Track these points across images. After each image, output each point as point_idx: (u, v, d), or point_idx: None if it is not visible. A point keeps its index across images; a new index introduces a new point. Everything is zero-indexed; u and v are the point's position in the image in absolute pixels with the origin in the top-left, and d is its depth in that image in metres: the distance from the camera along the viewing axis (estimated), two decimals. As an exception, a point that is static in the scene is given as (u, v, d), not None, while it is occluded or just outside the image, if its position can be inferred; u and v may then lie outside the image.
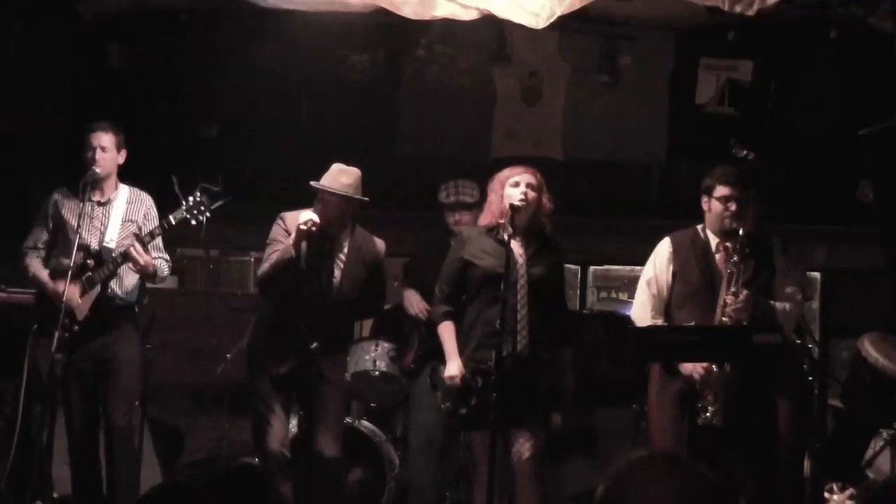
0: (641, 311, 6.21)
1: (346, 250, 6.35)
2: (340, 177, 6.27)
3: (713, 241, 6.08)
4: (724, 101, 8.36)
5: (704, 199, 6.08)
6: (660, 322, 6.11)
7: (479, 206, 7.01)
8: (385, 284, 6.62)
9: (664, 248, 6.20)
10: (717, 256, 6.05)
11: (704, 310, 5.96)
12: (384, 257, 6.51)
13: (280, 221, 6.42)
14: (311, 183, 6.29)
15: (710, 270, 6.03)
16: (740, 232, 5.91)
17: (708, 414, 5.78)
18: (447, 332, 6.12)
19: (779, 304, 6.00)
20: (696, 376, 5.85)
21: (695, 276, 6.05)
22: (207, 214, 6.35)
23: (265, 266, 6.35)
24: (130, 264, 6.40)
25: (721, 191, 6.00)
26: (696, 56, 8.46)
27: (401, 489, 7.43)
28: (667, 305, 6.14)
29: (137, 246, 6.32)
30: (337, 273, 6.33)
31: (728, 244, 6.01)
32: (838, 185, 8.18)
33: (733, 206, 5.96)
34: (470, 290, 6.13)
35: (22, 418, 6.61)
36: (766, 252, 6.07)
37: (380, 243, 6.49)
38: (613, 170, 8.85)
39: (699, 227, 6.15)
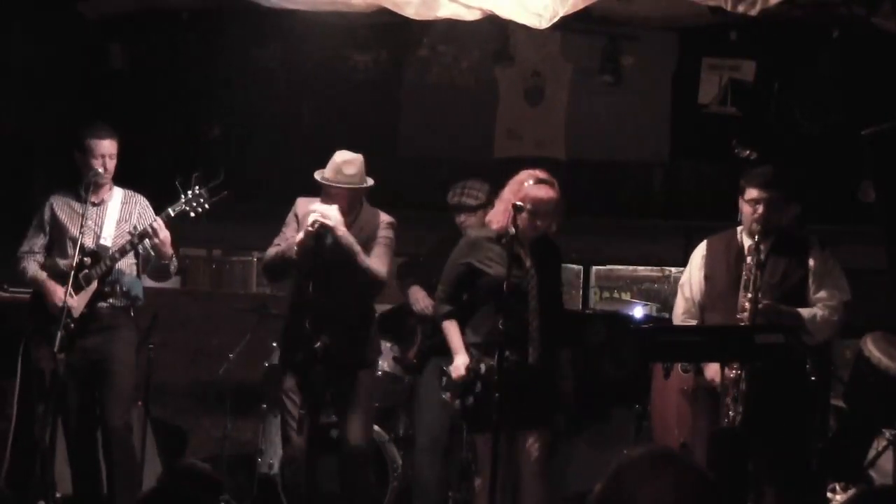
0: (675, 314, 6.31)
1: (352, 232, 6.33)
2: (345, 168, 6.27)
3: (747, 243, 6.06)
4: (726, 100, 8.34)
5: (740, 199, 6.07)
6: (693, 324, 6.15)
7: (483, 208, 7.02)
8: (385, 252, 6.43)
9: (699, 251, 6.25)
10: (748, 259, 6.02)
11: (729, 312, 5.95)
12: (387, 226, 6.45)
13: (294, 206, 6.45)
14: (317, 177, 6.29)
15: (737, 273, 6.01)
16: (755, 237, 5.91)
17: (729, 417, 5.77)
18: (452, 329, 6.19)
19: (806, 311, 5.95)
20: (719, 380, 5.83)
21: (723, 278, 6.05)
22: (206, 206, 6.38)
23: (270, 251, 6.43)
24: (147, 241, 6.42)
25: (750, 193, 5.97)
26: (698, 56, 8.44)
27: (403, 489, 7.43)
28: (701, 307, 6.16)
29: (160, 220, 6.36)
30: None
31: (761, 246, 6.00)
32: (840, 184, 8.17)
33: (761, 209, 5.93)
34: (478, 297, 6.16)
35: (17, 418, 6.63)
36: (801, 253, 6.05)
37: (384, 216, 6.47)
38: (616, 170, 8.84)
39: (738, 227, 6.15)
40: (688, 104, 8.48)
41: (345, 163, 6.29)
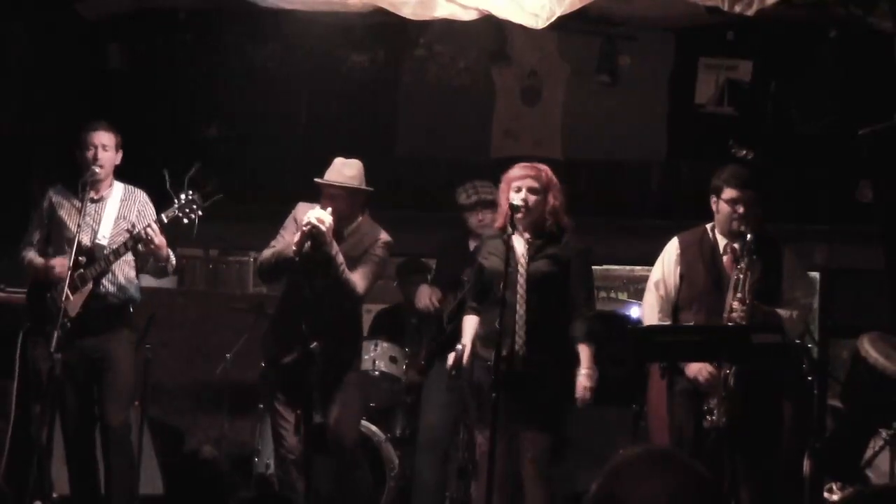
0: (649, 313, 6.20)
1: (344, 242, 6.33)
2: (343, 170, 6.31)
3: (721, 242, 6.03)
4: (723, 100, 8.35)
5: (713, 199, 6.02)
6: (666, 323, 6.10)
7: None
8: (372, 269, 6.40)
9: (672, 248, 6.18)
10: (725, 258, 6.00)
11: (710, 312, 5.92)
12: (382, 245, 6.42)
13: (294, 210, 6.45)
14: (316, 179, 6.31)
15: (716, 272, 5.99)
16: (748, 236, 5.87)
17: (713, 416, 5.76)
18: (466, 323, 6.32)
19: (784, 311, 5.94)
20: (702, 379, 5.83)
21: (701, 277, 6.01)
22: (199, 213, 6.35)
23: (265, 252, 6.42)
24: (141, 245, 6.40)
25: (729, 193, 5.93)
26: (695, 56, 8.45)
27: (401, 489, 7.44)
28: (674, 307, 6.12)
29: (155, 226, 6.34)
30: None
31: (735, 246, 5.97)
32: (838, 184, 8.18)
33: (741, 209, 5.90)
34: (484, 290, 6.22)
35: (15, 417, 6.63)
36: (775, 254, 6.04)
37: (383, 234, 6.44)
38: (613, 169, 8.85)
39: (708, 226, 6.11)
40: (685, 104, 8.50)
41: (344, 165, 6.34)
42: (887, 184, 6.81)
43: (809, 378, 6.83)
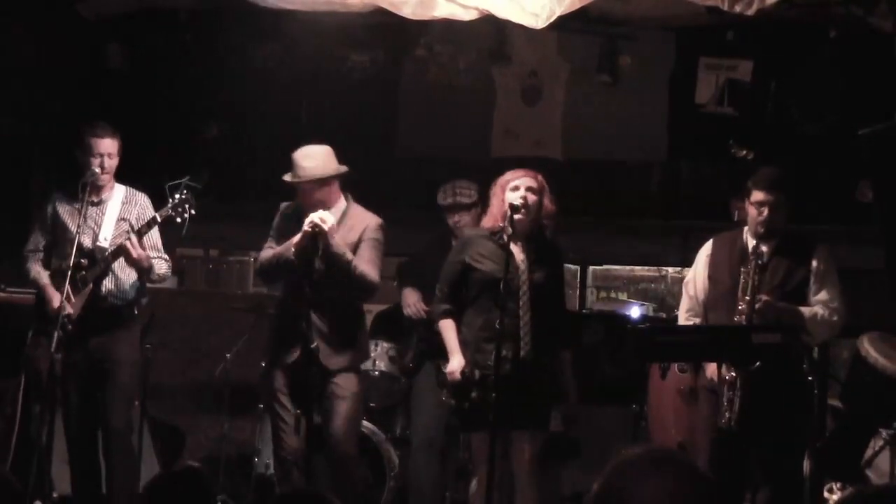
0: (680, 311, 6.30)
1: (337, 231, 6.28)
2: (303, 162, 6.30)
3: (751, 244, 6.04)
4: (723, 100, 8.35)
5: (746, 201, 6.05)
6: (696, 322, 6.14)
7: (477, 206, 7.02)
8: (376, 255, 6.39)
9: (704, 250, 6.23)
10: (749, 262, 6.01)
11: (732, 313, 5.94)
12: (377, 228, 6.40)
13: (280, 212, 6.51)
14: (284, 177, 6.31)
15: (739, 274, 5.99)
16: (755, 240, 5.90)
17: (726, 416, 5.76)
18: (448, 329, 6.15)
19: (807, 310, 5.92)
20: (716, 379, 5.83)
21: (724, 278, 6.03)
22: (192, 212, 6.36)
23: (265, 254, 6.42)
24: (124, 258, 6.41)
25: (755, 196, 5.94)
26: (695, 55, 8.45)
27: (400, 489, 7.44)
28: (705, 306, 6.15)
29: (133, 238, 6.35)
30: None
31: (764, 249, 5.99)
32: (838, 184, 8.17)
33: (766, 212, 5.90)
34: (470, 293, 6.14)
35: (21, 418, 6.64)
36: (804, 254, 6.03)
37: (373, 217, 6.43)
38: (613, 169, 8.85)
39: (745, 228, 6.13)
40: (685, 104, 8.50)
41: (304, 157, 6.32)
42: (887, 184, 6.81)
43: (810, 378, 6.82)
